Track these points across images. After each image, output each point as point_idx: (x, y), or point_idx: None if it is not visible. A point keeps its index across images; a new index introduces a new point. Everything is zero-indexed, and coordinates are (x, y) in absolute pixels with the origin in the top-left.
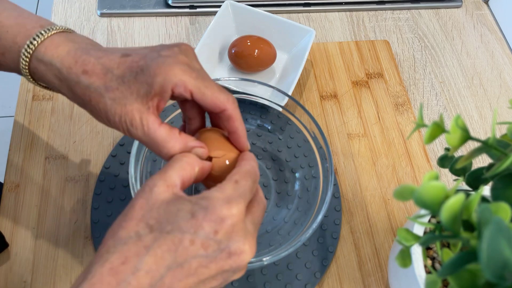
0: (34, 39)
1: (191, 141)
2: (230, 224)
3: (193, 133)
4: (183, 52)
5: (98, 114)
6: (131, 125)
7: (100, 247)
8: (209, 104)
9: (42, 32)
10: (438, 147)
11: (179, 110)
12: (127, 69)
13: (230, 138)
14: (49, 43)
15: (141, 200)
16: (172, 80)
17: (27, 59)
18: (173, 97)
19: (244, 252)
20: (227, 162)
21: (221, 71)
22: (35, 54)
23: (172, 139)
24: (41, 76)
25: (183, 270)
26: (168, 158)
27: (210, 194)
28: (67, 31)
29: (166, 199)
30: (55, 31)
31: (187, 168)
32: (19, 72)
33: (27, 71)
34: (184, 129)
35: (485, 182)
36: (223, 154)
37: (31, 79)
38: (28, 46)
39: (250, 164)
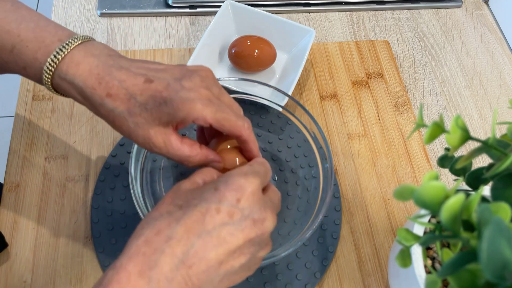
0: (55, 56)
1: (210, 155)
2: (250, 192)
3: (210, 136)
4: (204, 81)
5: (121, 132)
6: (155, 146)
7: (136, 228)
8: (227, 132)
9: (62, 48)
10: (438, 147)
11: None
12: (150, 98)
13: (244, 153)
14: (69, 60)
15: (170, 193)
16: (194, 115)
17: (50, 77)
18: None
19: (267, 219)
20: None
21: (221, 71)
22: (57, 72)
23: (193, 153)
24: (64, 91)
25: (213, 238)
26: (191, 167)
27: (228, 172)
28: (85, 41)
29: (192, 188)
30: (74, 45)
31: (207, 174)
32: (42, 85)
33: (50, 85)
34: (201, 131)
35: (485, 182)
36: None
37: (56, 92)
38: (50, 63)
39: (261, 159)
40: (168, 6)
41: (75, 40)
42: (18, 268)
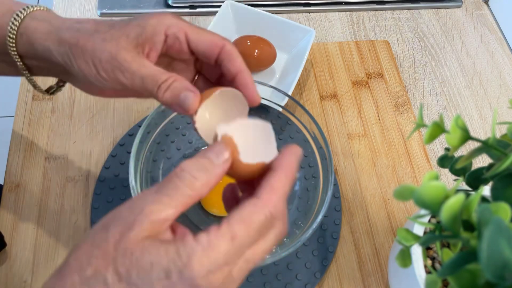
0: (18, 14)
1: (190, 87)
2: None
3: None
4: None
5: (83, 60)
6: (122, 61)
7: (68, 260)
8: (206, 42)
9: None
10: (438, 147)
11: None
12: (118, 21)
13: (237, 87)
14: (27, 23)
15: (114, 232)
16: (165, 22)
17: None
18: (166, 52)
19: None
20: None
21: None
22: (27, 16)
23: (166, 76)
24: (31, 33)
25: None
26: (163, 94)
27: (194, 245)
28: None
29: (142, 243)
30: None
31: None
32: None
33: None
34: None
35: (485, 182)
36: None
37: (14, 47)
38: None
39: (283, 183)
40: (168, 6)
41: (30, 9)
42: (18, 268)
